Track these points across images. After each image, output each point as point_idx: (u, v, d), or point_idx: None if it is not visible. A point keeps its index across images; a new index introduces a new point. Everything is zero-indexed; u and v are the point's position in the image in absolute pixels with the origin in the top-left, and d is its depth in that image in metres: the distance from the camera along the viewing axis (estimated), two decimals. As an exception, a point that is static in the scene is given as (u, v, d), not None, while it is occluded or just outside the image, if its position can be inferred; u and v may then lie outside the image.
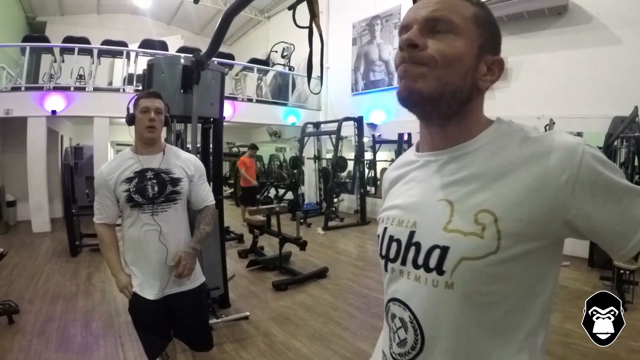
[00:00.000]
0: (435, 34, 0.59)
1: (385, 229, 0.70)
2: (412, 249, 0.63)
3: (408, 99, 0.60)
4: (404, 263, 0.65)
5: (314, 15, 1.57)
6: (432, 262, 0.60)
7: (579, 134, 5.25)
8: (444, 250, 0.59)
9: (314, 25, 1.61)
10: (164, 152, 1.75)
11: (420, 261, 0.62)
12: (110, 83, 8.19)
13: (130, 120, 1.74)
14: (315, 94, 8.40)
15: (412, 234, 0.64)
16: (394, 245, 0.67)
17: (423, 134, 0.69)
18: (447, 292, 0.59)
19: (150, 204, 1.66)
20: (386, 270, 0.69)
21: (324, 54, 1.97)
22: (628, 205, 0.54)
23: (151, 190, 1.66)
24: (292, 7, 1.64)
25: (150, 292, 1.67)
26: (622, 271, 3.32)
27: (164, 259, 1.67)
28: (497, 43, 0.64)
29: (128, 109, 1.80)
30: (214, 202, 1.91)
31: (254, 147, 7.78)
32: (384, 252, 0.69)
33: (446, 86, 0.58)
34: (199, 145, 3.29)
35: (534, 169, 0.55)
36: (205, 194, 1.86)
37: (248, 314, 3.25)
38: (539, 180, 0.55)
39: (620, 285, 3.40)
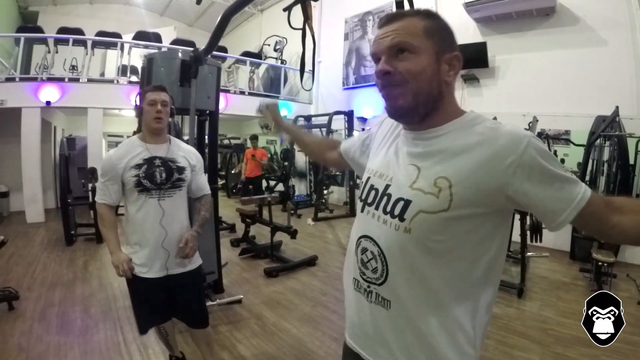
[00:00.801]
0: (399, 56, 0.74)
1: (369, 178, 0.87)
2: (385, 198, 0.80)
3: (394, 114, 0.79)
4: (377, 208, 0.81)
5: (307, 17, 1.69)
6: (397, 211, 0.77)
7: (567, 132, 5.46)
8: (407, 202, 0.75)
9: (307, 27, 1.72)
10: (170, 142, 1.89)
11: (388, 208, 0.79)
12: (103, 74, 8.17)
13: (139, 112, 1.86)
14: (307, 90, 8.50)
15: (387, 186, 0.81)
16: (372, 193, 0.84)
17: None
18: (405, 235, 0.75)
19: (158, 189, 1.79)
20: (362, 211, 0.86)
21: (315, 53, 2.09)
22: (558, 188, 0.69)
23: (159, 177, 1.79)
24: (288, 9, 1.76)
25: (152, 272, 1.80)
26: (600, 263, 3.42)
27: (163, 241, 1.80)
28: (451, 41, 0.79)
29: (136, 102, 1.93)
30: (209, 191, 2.06)
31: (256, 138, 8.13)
32: (363, 197, 0.86)
33: (419, 95, 0.75)
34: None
35: (485, 150, 0.71)
36: (204, 183, 2.02)
37: (241, 296, 3.40)
38: (488, 159, 0.70)
39: (599, 277, 3.51)
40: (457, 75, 0.79)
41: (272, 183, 9.10)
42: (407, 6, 1.57)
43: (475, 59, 5.95)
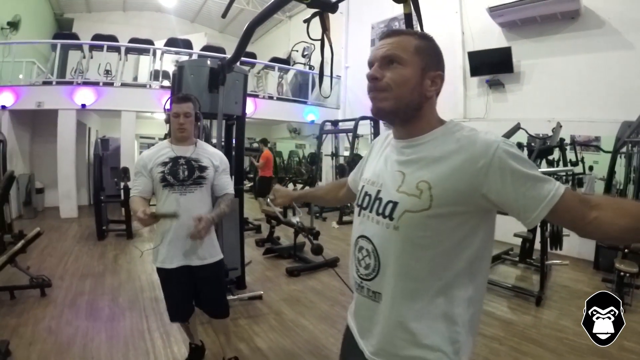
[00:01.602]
0: (389, 66, 0.85)
1: (363, 186, 0.99)
2: (377, 202, 0.91)
3: (377, 115, 0.89)
4: (371, 211, 0.92)
5: (325, 28, 1.79)
6: (387, 212, 0.87)
7: (597, 138, 5.33)
8: (395, 204, 0.86)
9: (325, 37, 1.82)
10: (196, 145, 2.08)
11: (380, 210, 0.89)
12: (135, 78, 8.55)
13: (167, 120, 2.07)
14: (325, 97, 8.60)
15: (378, 191, 0.92)
16: (367, 198, 0.95)
17: (394, 128, 0.96)
18: (394, 232, 0.85)
19: (180, 185, 1.97)
20: (359, 215, 0.97)
21: (334, 61, 2.20)
22: (530, 187, 0.76)
23: (182, 174, 1.98)
24: (307, 21, 1.87)
25: (173, 263, 1.97)
26: (622, 273, 3.33)
27: (179, 233, 1.95)
28: (438, 62, 0.89)
29: (165, 109, 2.15)
30: (233, 191, 2.20)
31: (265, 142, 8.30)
32: (359, 202, 0.98)
33: (400, 101, 0.85)
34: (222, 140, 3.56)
35: (461, 156, 0.80)
36: (227, 183, 2.17)
37: (262, 292, 3.52)
38: (463, 164, 0.79)
39: (621, 288, 3.41)
40: (438, 92, 0.90)
41: (299, 186, 9.24)
42: (415, 20, 1.64)
43: (500, 64, 5.92)
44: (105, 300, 3.39)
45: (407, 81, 0.85)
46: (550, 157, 5.00)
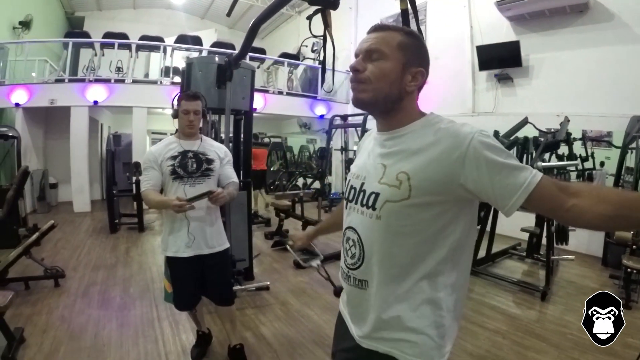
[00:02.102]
0: (372, 59, 0.90)
1: (349, 180, 1.03)
2: (362, 194, 0.95)
3: (357, 104, 0.93)
4: (356, 202, 0.97)
5: (326, 25, 1.83)
6: (370, 202, 0.92)
7: (609, 134, 5.27)
8: (377, 195, 0.90)
9: (327, 33, 1.86)
10: (201, 140, 2.17)
11: (364, 201, 0.94)
12: (147, 75, 8.65)
13: (175, 115, 2.14)
14: (327, 92, 8.56)
15: (362, 184, 0.96)
16: (352, 191, 1.00)
17: (376, 121, 1.00)
18: (377, 221, 0.90)
19: (189, 177, 2.06)
20: (346, 207, 1.02)
21: (335, 57, 2.24)
22: (506, 175, 0.79)
23: (191, 166, 2.07)
24: (309, 18, 1.91)
25: (184, 252, 2.06)
26: (630, 270, 3.31)
27: (188, 224, 2.04)
28: (421, 58, 0.92)
29: (173, 104, 2.21)
30: (237, 180, 2.28)
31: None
32: (346, 195, 1.03)
33: (379, 94, 0.89)
34: (231, 134, 3.63)
35: (438, 147, 0.84)
36: (231, 173, 2.25)
37: (268, 283, 3.60)
38: (440, 155, 0.83)
39: (628, 284, 3.37)
40: (420, 87, 0.93)
41: (309, 180, 9.30)
42: (411, 16, 1.66)
43: (509, 58, 5.88)
44: (116, 290, 3.49)
45: (386, 75, 0.88)
46: (560, 152, 4.97)
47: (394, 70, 0.89)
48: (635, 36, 4.72)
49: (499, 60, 6.04)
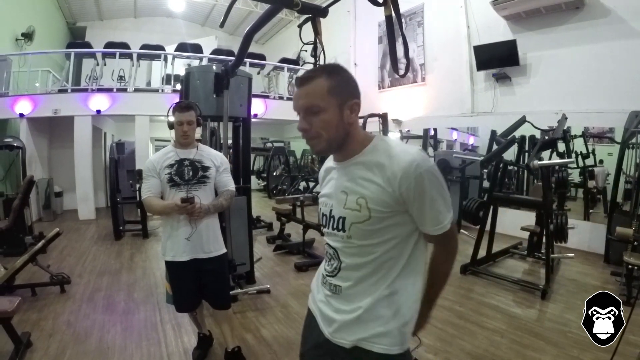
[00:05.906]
0: (313, 113, 0.99)
1: (320, 209, 1.16)
2: (332, 219, 1.08)
3: (318, 154, 1.15)
4: (328, 227, 1.10)
5: (316, 32, 1.88)
6: (339, 226, 1.05)
7: (611, 130, 5.27)
8: (343, 219, 1.04)
9: (317, 41, 1.91)
10: (197, 148, 2.24)
11: (334, 225, 1.07)
12: (149, 83, 8.77)
13: (171, 126, 2.23)
14: None
15: (330, 210, 1.09)
16: (324, 218, 1.12)
17: (332, 155, 1.13)
18: (348, 240, 1.04)
19: (186, 184, 2.13)
20: (325, 229, 1.13)
21: (326, 62, 2.29)
22: (432, 208, 0.97)
23: (187, 174, 2.14)
24: (300, 26, 1.97)
25: (181, 256, 2.12)
26: (631, 267, 3.31)
27: (184, 228, 2.11)
28: (352, 91, 1.02)
29: (168, 116, 2.27)
30: (233, 188, 2.34)
31: None
32: (321, 222, 1.16)
33: (332, 140, 1.01)
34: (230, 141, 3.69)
35: (387, 173, 0.96)
36: (228, 181, 2.31)
37: (269, 286, 3.64)
38: (388, 181, 0.96)
39: (630, 282, 3.37)
40: (358, 113, 1.03)
41: (311, 184, 9.35)
42: (395, 22, 1.70)
43: (506, 57, 5.89)
44: (121, 295, 3.55)
45: (331, 123, 0.99)
46: (561, 150, 4.97)
47: (335, 116, 0.99)
48: (632, 31, 4.70)
49: (497, 59, 6.04)
